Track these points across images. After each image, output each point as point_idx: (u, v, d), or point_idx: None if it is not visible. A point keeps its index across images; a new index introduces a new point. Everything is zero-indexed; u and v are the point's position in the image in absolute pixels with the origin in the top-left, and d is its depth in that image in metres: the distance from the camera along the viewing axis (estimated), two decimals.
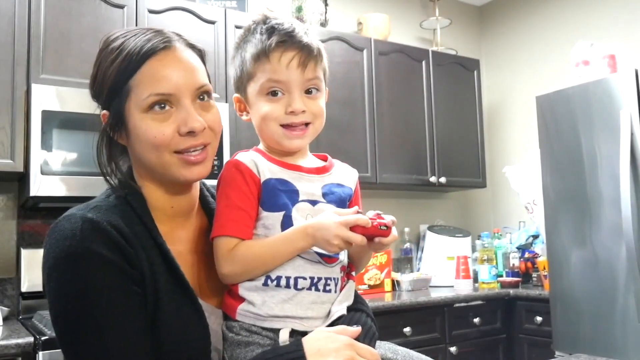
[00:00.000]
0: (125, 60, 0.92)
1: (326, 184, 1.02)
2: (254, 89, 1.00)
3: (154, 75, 0.92)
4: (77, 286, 0.86)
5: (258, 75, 0.98)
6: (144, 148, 0.94)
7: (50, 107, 2.30)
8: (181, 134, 0.93)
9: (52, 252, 0.88)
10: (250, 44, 1.00)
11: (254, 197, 0.95)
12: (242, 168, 0.96)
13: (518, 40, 4.10)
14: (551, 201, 2.91)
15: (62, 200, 2.30)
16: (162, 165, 0.94)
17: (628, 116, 2.57)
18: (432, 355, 0.95)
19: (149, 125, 0.92)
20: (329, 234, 0.89)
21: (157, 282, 0.90)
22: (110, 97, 0.94)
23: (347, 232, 0.89)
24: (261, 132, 1.02)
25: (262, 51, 0.97)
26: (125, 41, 0.94)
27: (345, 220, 0.90)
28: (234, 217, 0.94)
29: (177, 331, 0.90)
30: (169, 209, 1.00)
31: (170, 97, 0.92)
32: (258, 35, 0.99)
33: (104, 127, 0.97)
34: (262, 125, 1.01)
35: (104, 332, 0.85)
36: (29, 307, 2.45)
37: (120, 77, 0.92)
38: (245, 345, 0.91)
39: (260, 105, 0.99)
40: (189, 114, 0.93)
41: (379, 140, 3.25)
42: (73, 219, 0.90)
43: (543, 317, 3.02)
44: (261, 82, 0.98)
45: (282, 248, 0.92)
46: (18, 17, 2.36)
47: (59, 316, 0.88)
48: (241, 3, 3.10)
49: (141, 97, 0.92)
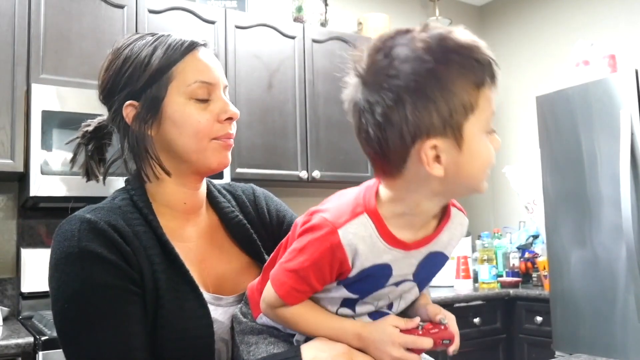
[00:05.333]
0: (170, 48, 0.97)
1: (426, 256, 0.83)
2: (477, 125, 0.73)
3: (198, 64, 0.98)
4: (74, 285, 0.87)
5: (481, 107, 0.73)
6: (184, 134, 0.97)
7: (50, 107, 2.30)
8: (219, 121, 0.98)
9: (54, 253, 0.91)
10: (457, 67, 0.72)
11: (330, 280, 0.82)
12: (338, 254, 0.78)
13: (518, 41, 4.10)
14: (551, 201, 2.91)
15: (62, 200, 2.30)
16: (199, 150, 0.97)
17: (628, 116, 2.57)
18: (432, 355, 0.95)
19: (192, 110, 0.97)
20: (385, 354, 0.81)
21: (158, 280, 0.91)
22: (147, 84, 0.97)
23: (404, 353, 0.80)
24: (467, 182, 0.77)
25: (490, 75, 0.74)
26: (161, 35, 1.00)
27: (404, 342, 0.81)
28: (298, 288, 0.82)
29: (180, 327, 0.90)
30: (181, 204, 1.02)
31: (212, 87, 0.98)
32: (468, 61, 0.72)
33: (134, 117, 0.98)
34: (479, 171, 0.77)
35: (100, 329, 0.86)
36: (29, 307, 2.45)
37: (164, 64, 0.96)
38: (258, 332, 0.92)
39: (483, 146, 0.75)
40: (227, 103, 1.00)
41: None
42: (73, 220, 0.92)
43: (543, 317, 3.02)
44: (486, 115, 0.74)
45: (325, 334, 0.84)
46: (18, 17, 2.36)
47: (58, 314, 0.90)
48: (241, 3, 3.11)
49: (186, 83, 0.97)
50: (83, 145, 1.06)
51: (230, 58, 2.84)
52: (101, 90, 1.02)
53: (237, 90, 2.84)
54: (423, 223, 0.81)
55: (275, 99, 2.96)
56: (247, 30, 2.92)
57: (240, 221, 1.07)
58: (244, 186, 1.18)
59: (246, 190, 1.16)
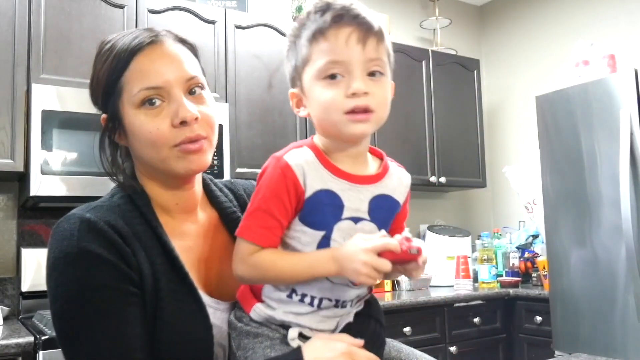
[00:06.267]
0: (115, 59, 0.93)
1: (375, 196, 0.92)
2: (310, 74, 0.88)
3: (142, 70, 0.93)
4: (73, 285, 0.87)
5: (314, 57, 0.87)
6: (142, 145, 0.94)
7: (50, 107, 2.30)
8: (174, 126, 0.92)
9: (52, 252, 0.90)
10: (305, 27, 0.89)
11: (291, 209, 0.88)
12: (289, 175, 0.86)
13: (518, 40, 4.10)
14: (551, 201, 2.91)
15: (62, 200, 2.30)
16: (162, 160, 0.94)
17: (628, 116, 2.57)
18: (432, 355, 0.95)
19: (143, 121, 0.92)
20: (357, 263, 0.82)
21: (158, 281, 0.90)
22: (105, 98, 0.95)
23: (375, 259, 0.82)
24: (320, 122, 0.90)
25: (318, 30, 0.87)
26: (115, 42, 0.95)
27: (373, 246, 0.82)
28: (264, 225, 0.87)
29: (179, 330, 0.90)
30: (173, 205, 1.00)
31: (161, 90, 0.93)
32: (312, 16, 0.88)
33: (104, 129, 0.98)
34: (321, 114, 0.88)
35: (98, 329, 0.86)
36: (29, 307, 2.45)
37: (112, 77, 0.93)
38: (254, 336, 0.91)
39: (318, 92, 0.87)
40: (180, 104, 0.92)
41: (379, 140, 3.25)
42: (72, 219, 0.91)
43: (543, 317, 3.02)
44: (318, 65, 0.86)
45: (304, 270, 0.87)
46: (18, 17, 2.36)
47: (56, 314, 0.89)
48: (241, 3, 3.11)
49: (132, 93, 0.92)
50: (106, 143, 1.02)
51: (230, 58, 2.84)
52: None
53: (237, 90, 2.84)
54: (355, 158, 0.92)
55: (275, 99, 2.96)
56: (247, 30, 2.93)
57: (238, 219, 1.04)
58: (245, 183, 1.17)
59: (247, 188, 1.15)
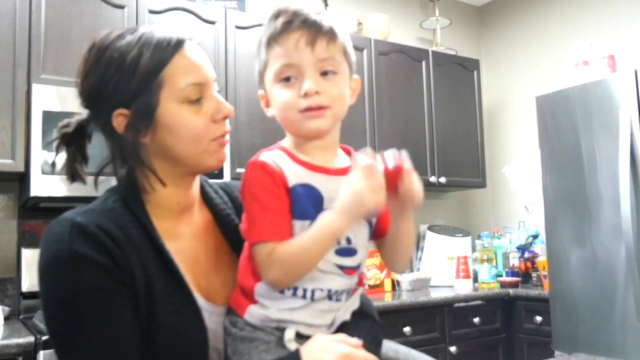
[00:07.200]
0: (157, 50, 0.91)
1: None
2: (269, 77, 0.94)
3: (187, 65, 0.93)
4: (65, 289, 0.86)
5: (271, 62, 0.93)
6: (182, 139, 0.93)
7: (50, 108, 2.30)
8: (216, 121, 0.95)
9: (43, 256, 0.89)
10: (263, 34, 0.94)
11: (286, 199, 0.89)
12: (270, 170, 0.90)
13: (518, 40, 4.10)
14: (551, 201, 2.92)
15: (62, 200, 2.30)
16: (200, 154, 0.94)
17: (627, 116, 2.57)
18: (432, 355, 0.96)
19: (187, 116, 0.93)
20: (361, 190, 0.86)
21: (152, 285, 0.89)
22: (137, 92, 0.91)
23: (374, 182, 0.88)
24: (281, 121, 0.95)
25: (271, 36, 0.92)
26: (143, 34, 0.93)
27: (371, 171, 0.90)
28: (271, 220, 0.88)
29: (174, 334, 0.89)
30: (175, 205, 0.99)
31: (203, 86, 0.95)
32: (268, 22, 0.93)
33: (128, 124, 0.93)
34: (280, 114, 0.94)
35: (93, 332, 0.85)
36: (30, 307, 2.46)
37: (153, 69, 0.91)
38: (249, 340, 0.91)
39: (275, 94, 0.93)
40: (220, 101, 0.96)
41: (378, 140, 3.26)
42: (63, 222, 0.90)
43: (543, 317, 3.03)
44: (274, 68, 0.92)
45: (320, 237, 0.87)
46: (19, 17, 2.36)
47: (49, 318, 0.88)
48: (241, 3, 3.11)
49: (178, 87, 0.92)
50: (63, 146, 1.02)
51: (230, 58, 2.85)
52: (84, 98, 0.98)
53: (237, 90, 2.84)
54: (323, 152, 0.95)
55: None
56: (247, 30, 2.93)
57: (232, 221, 1.04)
58: None
59: None
